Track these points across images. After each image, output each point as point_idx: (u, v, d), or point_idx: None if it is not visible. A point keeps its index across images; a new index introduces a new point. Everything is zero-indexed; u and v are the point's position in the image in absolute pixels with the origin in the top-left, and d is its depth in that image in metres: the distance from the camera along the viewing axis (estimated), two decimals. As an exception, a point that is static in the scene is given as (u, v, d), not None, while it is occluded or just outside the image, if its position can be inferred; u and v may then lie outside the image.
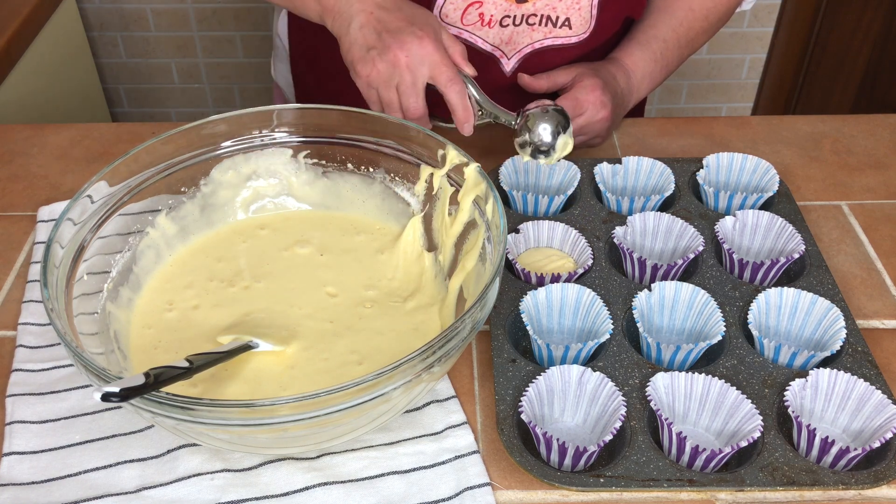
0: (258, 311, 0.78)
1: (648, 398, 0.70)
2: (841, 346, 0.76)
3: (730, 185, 0.96)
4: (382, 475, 0.69)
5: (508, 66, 1.03)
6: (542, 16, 0.98)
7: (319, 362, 0.73)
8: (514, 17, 0.98)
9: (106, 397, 0.55)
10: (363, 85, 0.87)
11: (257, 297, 0.79)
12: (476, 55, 1.00)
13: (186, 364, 0.62)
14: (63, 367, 0.78)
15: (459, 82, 0.85)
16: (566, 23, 0.99)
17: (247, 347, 0.71)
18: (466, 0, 0.95)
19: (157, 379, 0.58)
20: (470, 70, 0.87)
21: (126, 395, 0.55)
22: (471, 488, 0.68)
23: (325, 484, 0.68)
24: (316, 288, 0.80)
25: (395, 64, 0.83)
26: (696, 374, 0.72)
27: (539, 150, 0.88)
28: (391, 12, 0.85)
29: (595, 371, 0.72)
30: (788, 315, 0.79)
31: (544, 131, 0.87)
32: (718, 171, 0.96)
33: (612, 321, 0.76)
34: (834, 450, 0.67)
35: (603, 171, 0.95)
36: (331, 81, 1.13)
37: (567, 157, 0.98)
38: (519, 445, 0.69)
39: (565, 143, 0.88)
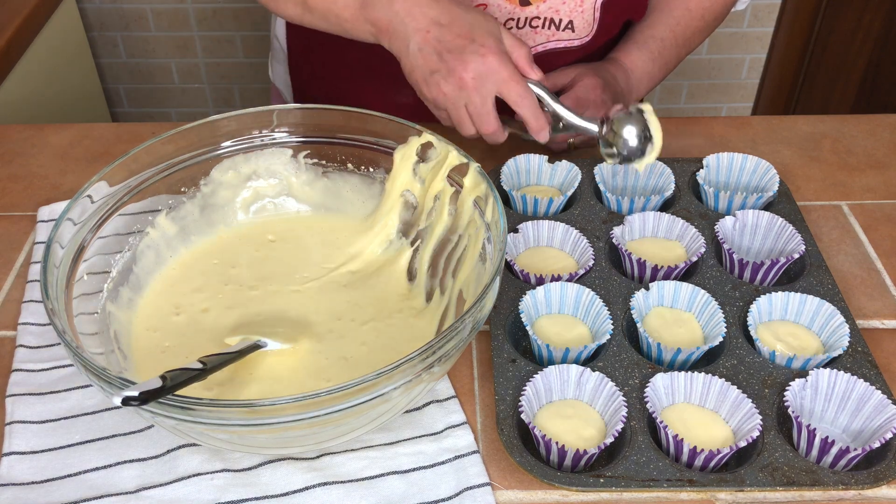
0: (266, 312, 0.78)
1: (646, 400, 0.70)
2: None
3: (730, 186, 0.96)
4: (382, 475, 0.69)
5: None
6: (545, 19, 0.98)
7: (328, 360, 0.73)
8: (518, 19, 0.98)
9: (126, 401, 0.55)
10: (431, 106, 0.86)
11: (265, 300, 0.79)
12: None
13: (200, 365, 0.62)
14: (63, 367, 0.78)
15: (529, 95, 0.82)
16: (569, 25, 0.99)
17: (255, 347, 0.71)
18: (471, 3, 0.95)
19: (174, 381, 0.58)
20: (536, 74, 0.84)
21: (145, 398, 0.55)
22: (471, 488, 0.68)
23: (325, 484, 0.68)
24: (321, 290, 0.80)
25: (462, 86, 0.81)
26: (696, 373, 0.72)
27: (627, 157, 0.84)
28: (449, 28, 0.81)
29: (594, 371, 0.72)
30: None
31: (630, 135, 0.83)
32: (718, 172, 0.96)
33: (612, 321, 0.76)
34: (834, 450, 0.67)
35: (603, 171, 0.95)
36: (329, 83, 1.13)
37: (568, 158, 0.98)
38: (519, 445, 0.69)
39: (654, 147, 0.84)
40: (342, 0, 0.85)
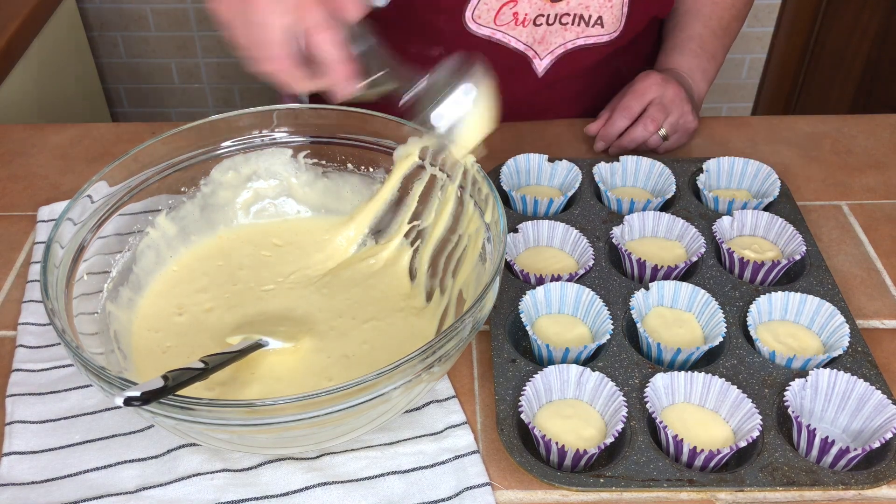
0: (267, 311, 0.78)
1: (646, 400, 0.70)
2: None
3: (730, 191, 0.96)
4: (382, 475, 0.69)
5: (541, 66, 1.03)
6: (575, 15, 0.99)
7: (330, 358, 0.73)
8: (548, 16, 0.98)
9: (128, 401, 0.55)
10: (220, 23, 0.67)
11: (267, 299, 0.79)
12: (509, 55, 1.00)
13: (202, 365, 0.62)
14: (63, 367, 0.78)
15: (332, 28, 0.63)
16: (598, 21, 1.00)
17: (256, 346, 0.71)
18: (501, 0, 0.96)
19: (176, 381, 0.58)
20: (356, 11, 0.64)
21: (147, 398, 0.55)
22: (471, 488, 0.68)
23: (325, 484, 0.68)
24: (322, 288, 0.80)
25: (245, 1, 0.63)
26: (696, 373, 0.72)
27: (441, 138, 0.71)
28: None
29: (595, 371, 0.72)
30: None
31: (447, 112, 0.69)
32: (719, 176, 0.96)
33: (612, 321, 0.76)
34: (834, 450, 0.67)
35: (602, 170, 0.95)
36: None
37: (569, 159, 0.97)
38: (519, 445, 0.69)
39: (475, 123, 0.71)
40: None
